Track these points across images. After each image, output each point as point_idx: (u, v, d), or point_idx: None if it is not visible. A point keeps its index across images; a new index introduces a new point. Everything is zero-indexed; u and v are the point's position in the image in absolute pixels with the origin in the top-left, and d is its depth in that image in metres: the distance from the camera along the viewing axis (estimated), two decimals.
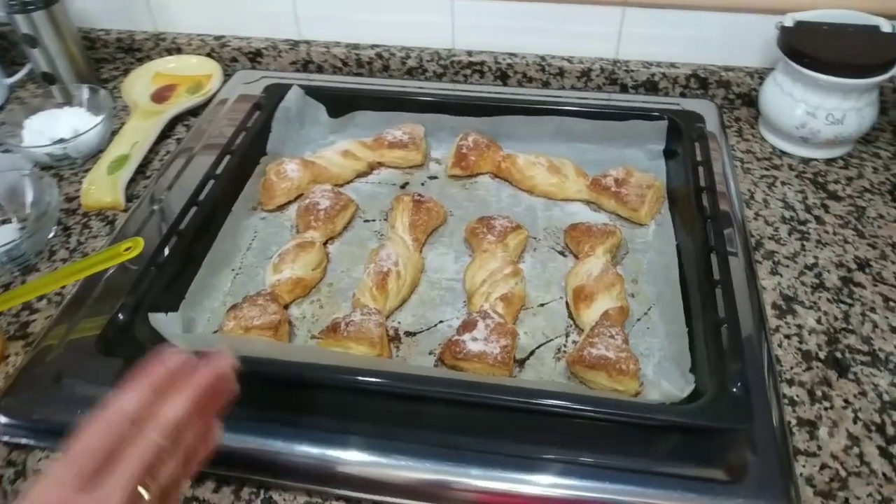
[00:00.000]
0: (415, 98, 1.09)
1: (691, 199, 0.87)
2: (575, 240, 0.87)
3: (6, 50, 1.32)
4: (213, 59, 1.27)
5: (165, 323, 0.76)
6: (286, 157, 0.99)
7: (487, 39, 1.21)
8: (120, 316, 0.75)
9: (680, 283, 0.81)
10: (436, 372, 0.73)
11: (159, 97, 1.20)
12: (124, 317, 0.75)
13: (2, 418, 0.73)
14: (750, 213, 0.97)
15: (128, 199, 1.01)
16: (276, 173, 0.96)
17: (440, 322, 0.81)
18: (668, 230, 0.90)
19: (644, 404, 0.67)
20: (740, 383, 0.65)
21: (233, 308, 0.78)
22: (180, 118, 1.18)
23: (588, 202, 0.97)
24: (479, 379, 0.68)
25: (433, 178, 1.02)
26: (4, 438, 0.72)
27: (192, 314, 0.82)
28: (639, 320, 0.80)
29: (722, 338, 0.70)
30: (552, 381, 0.73)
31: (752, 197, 1.00)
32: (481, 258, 0.84)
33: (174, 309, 0.80)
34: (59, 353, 0.79)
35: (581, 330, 0.79)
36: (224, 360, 0.52)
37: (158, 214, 0.97)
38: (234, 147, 0.97)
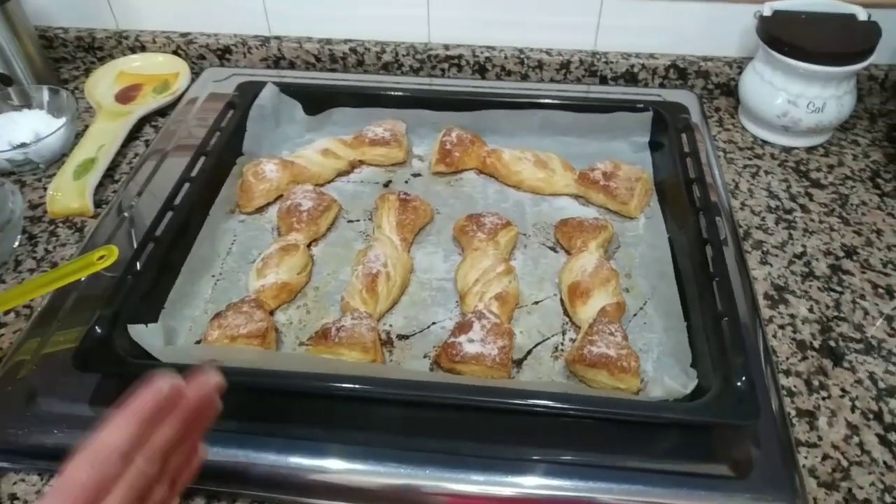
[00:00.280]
0: (394, 93, 1.06)
1: (682, 191, 0.86)
2: (566, 235, 0.86)
3: None
4: (180, 57, 1.23)
5: (146, 335, 0.72)
6: (264, 158, 0.96)
7: (464, 32, 1.19)
8: (97, 329, 0.71)
9: (675, 276, 0.80)
10: (437, 377, 0.70)
11: (124, 97, 1.15)
12: (102, 329, 0.71)
13: None
14: (736, 204, 0.96)
15: (96, 205, 0.97)
16: (254, 174, 0.93)
17: (433, 324, 0.79)
18: (659, 223, 0.89)
19: (652, 403, 0.65)
20: (745, 377, 0.64)
21: (217, 316, 0.75)
22: (148, 119, 1.13)
23: (576, 196, 0.95)
24: (483, 383, 0.66)
25: (417, 176, 1.00)
26: None
27: (173, 323, 0.78)
28: (635, 315, 0.79)
29: (723, 331, 0.69)
30: (554, 382, 0.72)
31: (737, 187, 0.99)
32: (473, 257, 0.82)
33: (153, 319, 0.76)
34: (32, 370, 0.75)
35: (577, 327, 0.77)
36: (209, 382, 0.50)
37: (130, 220, 0.93)
38: (209, 148, 0.93)
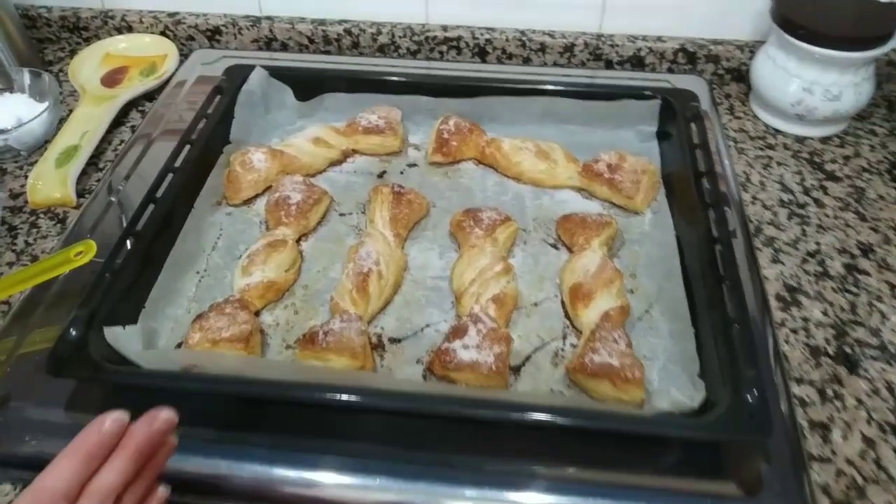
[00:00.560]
0: (389, 78, 1.01)
1: (690, 186, 0.82)
2: (568, 232, 0.82)
3: None
4: (168, 38, 1.18)
5: (123, 337, 0.68)
6: (252, 146, 0.91)
7: (464, 13, 1.13)
8: (72, 331, 0.67)
9: (682, 277, 0.76)
10: (428, 387, 0.67)
11: (110, 80, 1.11)
12: (77, 332, 0.67)
13: None
14: (747, 197, 0.92)
15: (79, 195, 0.93)
16: (242, 164, 0.88)
17: (427, 326, 0.75)
18: (666, 219, 0.84)
19: (657, 418, 0.61)
20: (756, 391, 0.60)
21: (198, 318, 0.71)
22: (134, 103, 1.09)
23: (579, 189, 0.91)
24: (477, 394, 0.63)
25: (413, 166, 0.95)
26: None
27: (154, 324, 0.74)
28: (640, 319, 0.75)
29: (733, 339, 0.65)
30: (552, 394, 0.68)
31: (748, 179, 0.95)
32: (469, 255, 0.78)
33: (133, 320, 0.72)
34: (6, 372, 0.71)
35: (579, 331, 0.73)
36: (160, 417, 0.49)
37: (115, 210, 0.89)
38: (194, 136, 0.89)
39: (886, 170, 0.96)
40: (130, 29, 1.20)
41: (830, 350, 0.75)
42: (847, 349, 0.75)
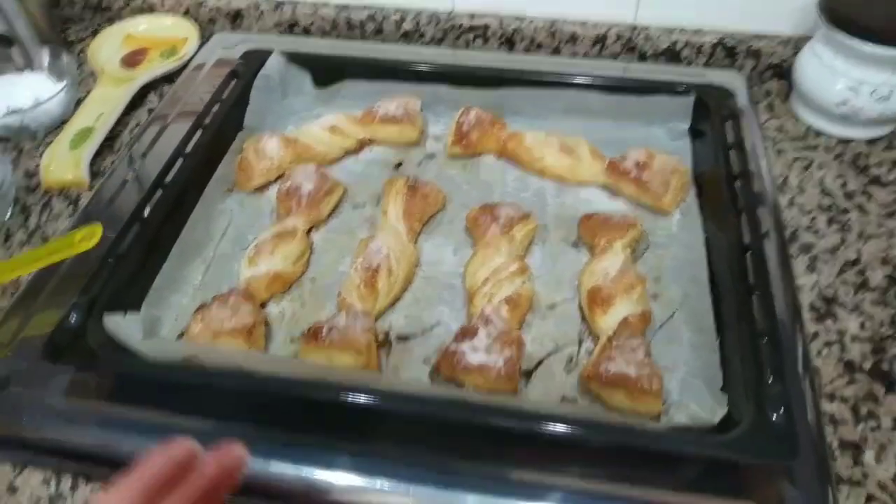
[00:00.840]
0: (411, 66, 0.98)
1: (722, 188, 0.77)
2: (590, 232, 0.78)
3: None
4: (190, 21, 1.16)
5: (123, 325, 0.66)
6: (266, 133, 0.89)
7: (491, 1, 1.09)
8: (72, 317, 0.66)
9: (709, 285, 0.72)
10: (431, 390, 0.63)
11: (130, 62, 1.09)
12: (76, 318, 0.66)
13: None
14: (784, 201, 0.87)
15: (93, 177, 0.92)
16: (254, 151, 0.86)
17: (436, 325, 0.72)
18: (695, 221, 0.80)
19: (673, 434, 0.57)
20: (782, 408, 0.56)
21: (200, 308, 0.69)
22: (153, 86, 1.07)
23: (604, 187, 0.87)
24: (483, 399, 0.59)
25: (431, 158, 0.92)
26: None
27: (157, 312, 0.72)
28: (661, 327, 0.71)
29: (761, 353, 0.61)
30: (562, 403, 0.64)
31: (786, 182, 0.90)
32: (484, 252, 0.74)
33: (137, 307, 0.70)
34: (8, 354, 0.70)
35: (596, 337, 0.70)
36: (233, 455, 0.46)
37: (127, 194, 0.87)
38: (207, 121, 0.87)
39: None
40: (153, 10, 1.18)
41: (866, 366, 0.70)
42: (885, 366, 0.70)
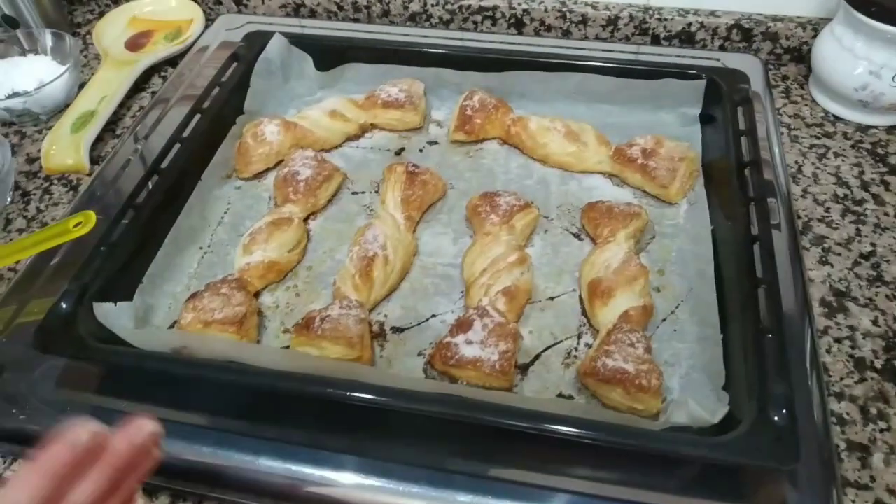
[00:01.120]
0: (414, 49, 0.96)
1: (732, 177, 0.74)
2: (593, 221, 0.75)
3: None
4: (195, 2, 1.14)
5: (114, 314, 0.66)
6: (266, 117, 0.87)
7: None
8: (62, 305, 0.65)
9: (715, 277, 0.69)
10: (421, 385, 0.62)
11: (134, 45, 1.08)
12: (67, 306, 0.65)
13: None
14: (797, 190, 0.84)
15: (93, 161, 0.91)
16: (253, 136, 0.84)
17: (432, 316, 0.70)
18: (703, 212, 0.77)
19: (670, 435, 0.55)
20: (785, 410, 0.54)
21: (192, 298, 0.68)
22: (157, 69, 1.06)
23: (610, 175, 0.84)
24: (474, 395, 0.57)
25: (433, 144, 0.90)
26: None
27: (151, 300, 0.72)
28: (664, 320, 0.69)
29: (765, 351, 0.58)
30: (556, 400, 0.62)
31: (800, 170, 0.86)
32: (482, 242, 0.72)
33: (130, 296, 0.70)
34: (3, 341, 0.70)
35: (596, 331, 0.68)
36: (143, 430, 0.44)
37: (127, 179, 0.86)
38: (206, 105, 0.85)
39: None
40: None
41: (878, 364, 0.67)
42: None
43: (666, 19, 1.04)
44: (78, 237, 0.73)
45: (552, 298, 0.71)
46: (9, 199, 0.87)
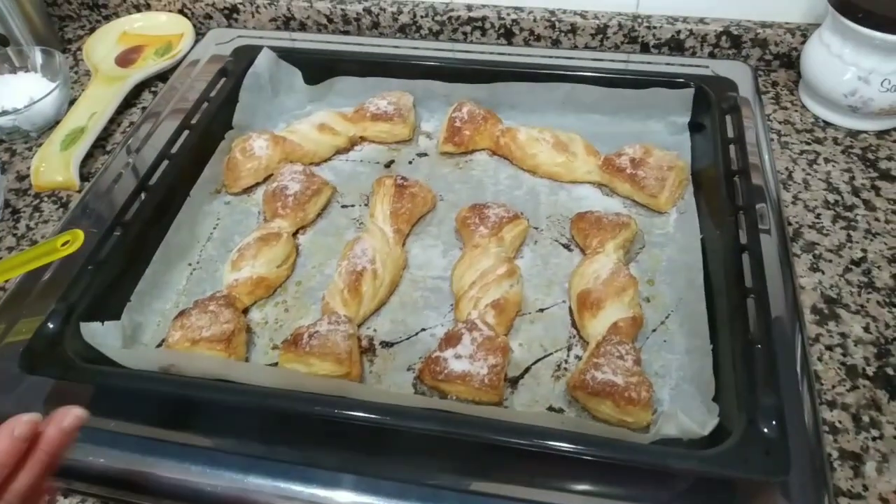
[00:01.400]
0: (402, 61, 0.96)
1: (720, 185, 0.74)
2: (582, 232, 0.75)
3: None
4: (185, 17, 1.14)
5: (101, 334, 0.65)
6: (254, 132, 0.87)
7: None
8: (49, 325, 0.65)
9: (705, 287, 0.69)
10: (407, 400, 0.61)
11: (125, 60, 1.08)
12: (54, 326, 0.65)
13: None
14: (787, 196, 0.84)
15: (83, 178, 0.91)
16: (242, 151, 0.84)
17: (422, 330, 0.70)
18: (692, 221, 0.77)
19: (660, 448, 0.55)
20: (775, 422, 0.54)
21: (180, 315, 0.68)
22: (147, 84, 1.06)
23: (600, 185, 0.84)
24: (463, 410, 0.57)
25: (423, 156, 0.90)
26: None
27: (140, 318, 0.71)
28: (654, 331, 0.68)
29: (755, 362, 0.58)
30: (545, 414, 0.62)
31: (791, 176, 0.86)
32: (471, 255, 0.72)
33: (118, 314, 0.69)
34: None
35: (586, 342, 0.67)
36: (72, 415, 0.49)
37: (115, 196, 0.86)
38: (195, 120, 0.85)
39: None
40: (149, 7, 1.17)
41: (870, 371, 0.67)
42: (889, 371, 0.67)
43: (655, 27, 1.04)
44: (67, 255, 0.72)
45: (542, 310, 0.71)
46: None
